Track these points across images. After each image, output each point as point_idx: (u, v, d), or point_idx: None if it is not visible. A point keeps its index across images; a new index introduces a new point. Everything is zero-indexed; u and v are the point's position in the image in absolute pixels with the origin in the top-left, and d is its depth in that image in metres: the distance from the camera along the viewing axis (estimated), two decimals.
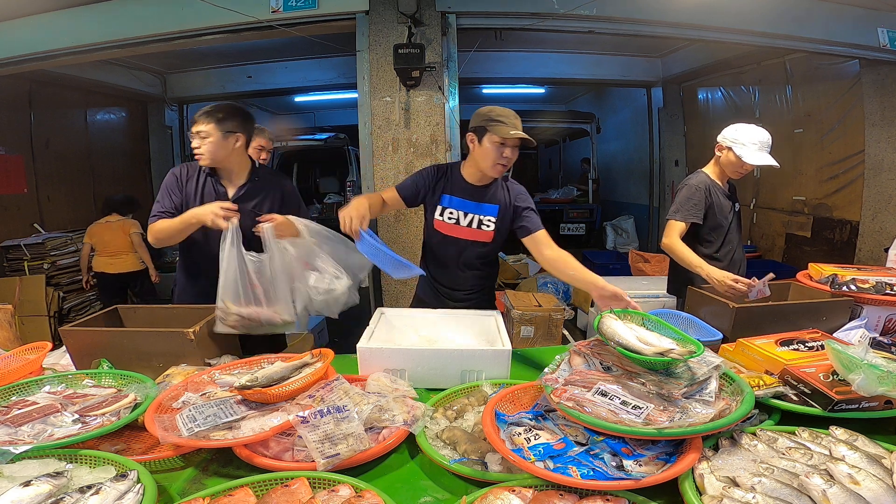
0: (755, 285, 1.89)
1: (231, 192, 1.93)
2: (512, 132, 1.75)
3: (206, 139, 1.83)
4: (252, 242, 1.74)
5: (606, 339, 1.30)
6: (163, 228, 1.84)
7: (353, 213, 1.63)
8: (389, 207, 1.95)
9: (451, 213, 1.90)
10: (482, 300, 2.05)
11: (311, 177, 10.86)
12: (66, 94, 5.41)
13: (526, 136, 1.77)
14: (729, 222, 2.36)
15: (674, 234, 2.25)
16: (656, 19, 3.76)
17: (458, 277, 2.00)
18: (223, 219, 1.64)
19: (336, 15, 3.49)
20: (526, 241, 1.89)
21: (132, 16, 3.57)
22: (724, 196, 2.35)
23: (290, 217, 1.79)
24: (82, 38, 3.69)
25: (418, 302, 2.09)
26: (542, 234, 1.84)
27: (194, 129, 1.84)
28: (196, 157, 1.87)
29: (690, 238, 2.29)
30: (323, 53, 5.91)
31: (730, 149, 2.24)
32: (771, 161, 2.18)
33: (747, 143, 2.19)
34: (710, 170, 2.37)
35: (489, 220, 1.89)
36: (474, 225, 1.90)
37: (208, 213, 1.67)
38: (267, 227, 1.69)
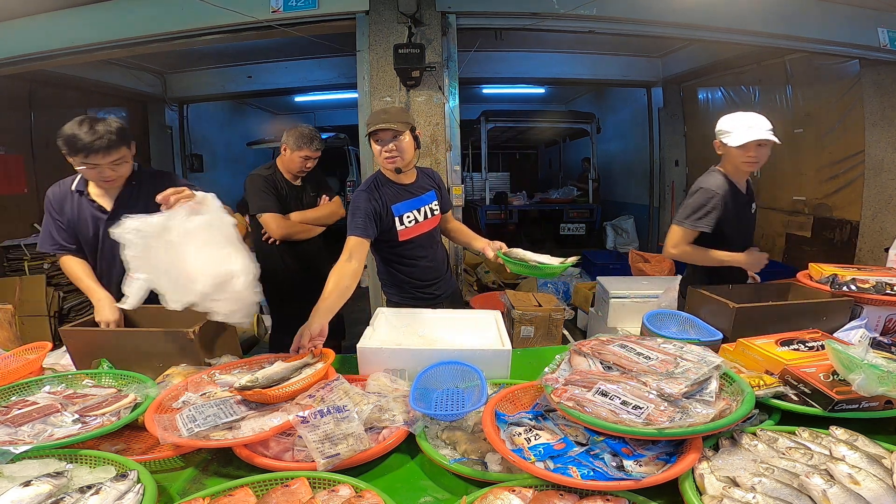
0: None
1: (107, 205, 1.85)
2: (371, 129, 1.84)
3: (119, 165, 1.76)
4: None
5: (518, 262, 1.88)
6: (69, 272, 1.87)
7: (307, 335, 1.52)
8: (363, 257, 1.84)
9: (409, 217, 1.99)
10: (453, 280, 2.25)
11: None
12: (66, 94, 5.40)
13: (386, 126, 1.81)
14: (746, 225, 2.19)
15: (682, 243, 2.09)
16: (656, 19, 3.76)
17: (437, 265, 2.14)
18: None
19: (336, 15, 3.49)
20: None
21: (132, 16, 3.57)
22: (741, 197, 2.14)
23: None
24: (82, 38, 3.69)
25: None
26: (451, 213, 2.26)
27: (107, 160, 1.71)
28: (108, 183, 1.80)
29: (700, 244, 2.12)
30: (323, 53, 5.91)
31: (724, 143, 2.05)
32: (762, 135, 1.96)
33: (733, 129, 2.01)
34: (725, 169, 2.13)
35: (434, 205, 2.08)
36: (429, 215, 2.06)
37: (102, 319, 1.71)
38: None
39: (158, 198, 1.51)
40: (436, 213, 2.09)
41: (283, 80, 6.57)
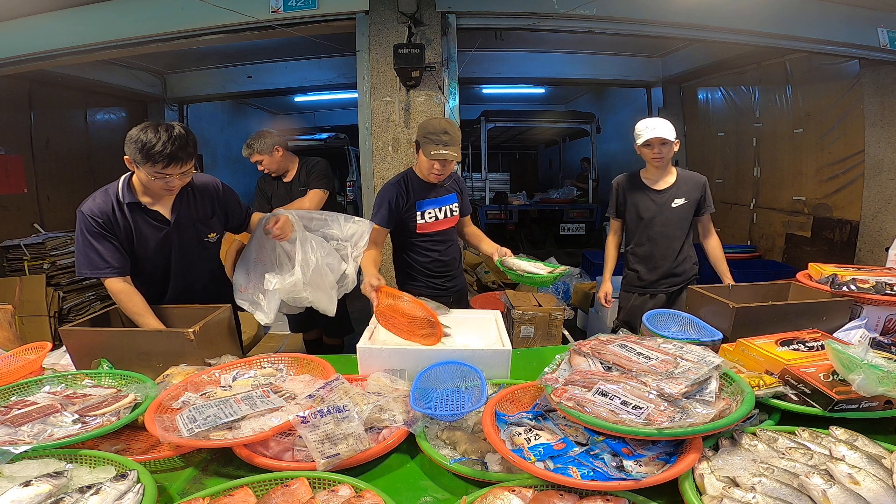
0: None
1: (167, 213, 1.78)
2: (433, 152, 1.99)
3: (187, 174, 1.69)
4: (197, 251, 1.88)
5: (512, 270, 2.04)
6: (123, 304, 1.72)
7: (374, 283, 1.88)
8: (381, 243, 2.18)
9: (430, 213, 2.19)
10: (463, 279, 2.44)
11: None
12: (66, 94, 5.41)
13: (448, 155, 1.99)
14: (650, 217, 2.46)
15: (610, 230, 2.68)
16: (656, 19, 3.76)
17: (449, 260, 2.30)
18: None
19: (336, 15, 3.49)
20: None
21: (132, 16, 3.57)
22: (646, 191, 2.47)
23: (287, 213, 1.89)
24: (82, 38, 3.69)
25: None
26: (469, 217, 2.40)
27: (179, 171, 1.64)
28: (169, 192, 1.72)
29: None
30: (323, 53, 5.91)
31: (637, 145, 2.41)
32: (656, 133, 2.31)
33: (638, 132, 2.37)
34: (644, 169, 2.52)
35: (455, 206, 2.27)
36: (448, 215, 2.25)
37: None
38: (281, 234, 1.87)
39: (273, 235, 1.85)
40: (455, 213, 2.27)
41: (283, 80, 6.57)
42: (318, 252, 1.88)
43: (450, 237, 2.31)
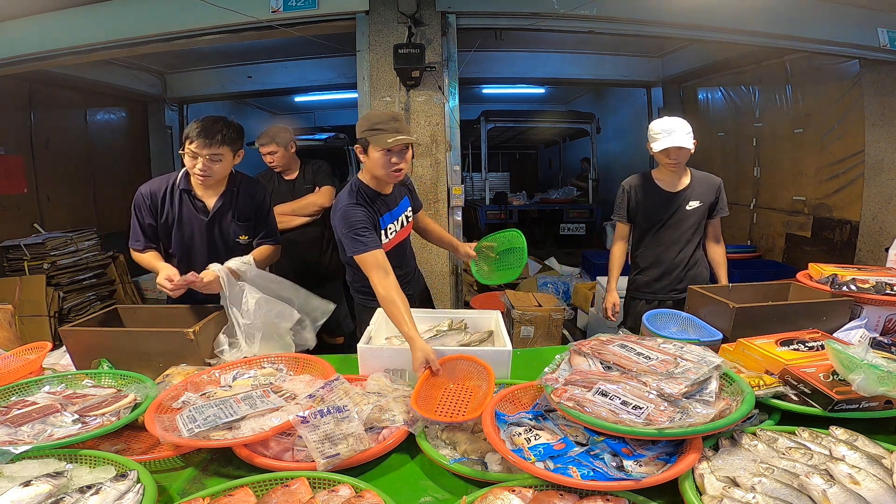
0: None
1: (211, 204, 1.92)
2: (389, 140, 1.71)
3: (215, 160, 1.81)
4: (227, 250, 1.93)
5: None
6: (144, 261, 1.91)
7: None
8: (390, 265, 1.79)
9: (391, 228, 1.93)
10: (421, 279, 2.27)
11: None
12: (66, 94, 5.40)
13: (408, 139, 1.73)
14: (663, 220, 2.36)
15: (616, 237, 2.55)
16: (656, 19, 3.76)
17: (408, 270, 2.11)
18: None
19: (336, 15, 3.49)
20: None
21: (132, 16, 3.57)
22: (660, 192, 2.37)
23: (231, 267, 1.76)
24: (82, 38, 3.68)
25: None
26: (423, 211, 2.22)
27: (206, 151, 1.76)
28: (202, 178, 1.82)
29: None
30: (323, 53, 5.90)
31: (651, 148, 2.29)
32: (675, 142, 2.19)
33: (653, 135, 2.26)
34: (657, 170, 2.43)
35: (409, 212, 2.07)
36: (405, 224, 2.04)
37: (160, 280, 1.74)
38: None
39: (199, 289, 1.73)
40: (410, 220, 2.06)
41: (283, 80, 6.56)
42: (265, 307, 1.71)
43: (406, 246, 2.10)
